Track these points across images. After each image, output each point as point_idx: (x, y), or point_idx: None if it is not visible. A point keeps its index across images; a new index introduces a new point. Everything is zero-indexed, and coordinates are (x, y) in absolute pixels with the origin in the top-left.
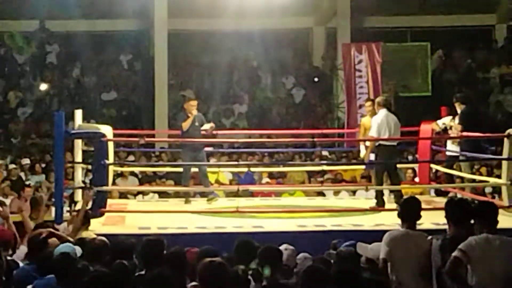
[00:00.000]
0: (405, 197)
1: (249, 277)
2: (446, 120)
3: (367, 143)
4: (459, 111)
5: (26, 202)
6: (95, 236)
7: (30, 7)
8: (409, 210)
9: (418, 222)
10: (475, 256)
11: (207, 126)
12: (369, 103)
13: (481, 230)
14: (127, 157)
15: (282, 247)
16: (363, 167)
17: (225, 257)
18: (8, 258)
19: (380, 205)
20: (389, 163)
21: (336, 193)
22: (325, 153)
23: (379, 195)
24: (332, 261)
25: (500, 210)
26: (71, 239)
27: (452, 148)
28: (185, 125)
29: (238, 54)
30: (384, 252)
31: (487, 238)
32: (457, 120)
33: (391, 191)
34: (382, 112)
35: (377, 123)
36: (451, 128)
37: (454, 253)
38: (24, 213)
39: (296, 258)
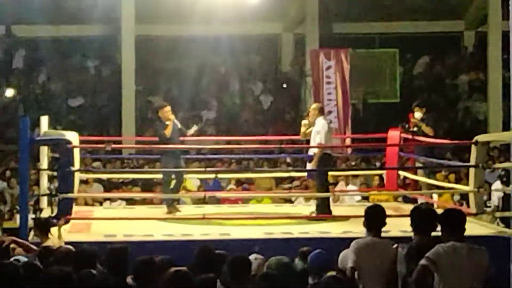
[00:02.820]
0: (369, 205)
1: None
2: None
3: (315, 151)
4: (418, 115)
5: None
6: (62, 244)
7: None
8: (374, 218)
9: (385, 229)
10: (442, 264)
11: (192, 130)
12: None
13: (448, 238)
14: (93, 163)
15: (251, 257)
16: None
17: (188, 266)
18: None
19: (326, 213)
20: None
21: (307, 199)
22: (288, 159)
23: (325, 203)
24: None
25: (468, 218)
26: (35, 247)
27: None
28: (168, 132)
29: (206, 60)
30: (351, 261)
31: (454, 246)
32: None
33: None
34: (323, 119)
35: (324, 131)
36: (420, 129)
37: (422, 262)
38: None
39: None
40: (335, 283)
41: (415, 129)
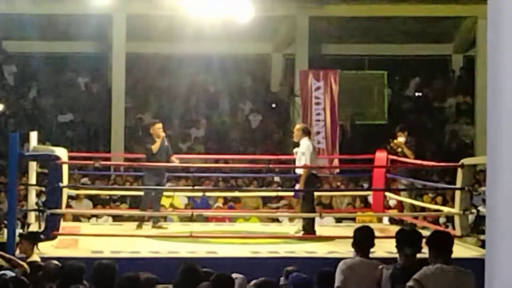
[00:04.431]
0: (358, 226)
1: None
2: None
3: (301, 171)
4: (402, 139)
5: None
6: (39, 259)
7: None
8: (363, 238)
9: (371, 250)
10: (429, 286)
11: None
12: None
13: (435, 260)
14: (81, 179)
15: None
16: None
17: (173, 283)
18: None
19: (311, 233)
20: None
21: (291, 219)
22: (278, 179)
23: (311, 223)
24: None
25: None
26: (21, 262)
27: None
28: (155, 147)
29: (196, 78)
30: (339, 280)
31: (441, 268)
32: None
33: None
34: (307, 140)
35: (309, 152)
36: (402, 151)
37: (409, 283)
38: None
39: (247, 286)
40: None
41: (399, 150)
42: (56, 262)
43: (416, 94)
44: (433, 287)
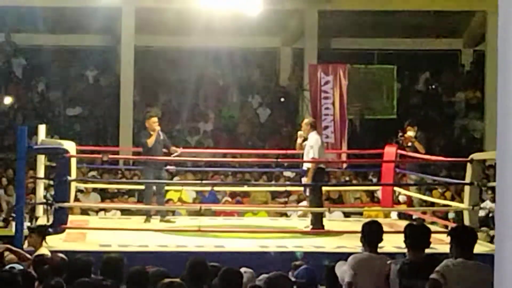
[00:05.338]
0: (366, 220)
1: None
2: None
3: (309, 165)
4: (411, 133)
5: None
6: (48, 253)
7: None
8: (371, 233)
9: (380, 245)
10: (452, 279)
11: (175, 153)
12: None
13: (457, 254)
14: (89, 172)
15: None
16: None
17: (180, 277)
18: None
19: (319, 227)
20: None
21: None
22: (286, 173)
23: (319, 218)
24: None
25: None
26: (28, 255)
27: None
28: (150, 141)
29: (204, 72)
30: (349, 276)
31: (463, 262)
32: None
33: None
34: (316, 134)
35: (318, 146)
36: (413, 145)
37: (432, 276)
38: None
39: (256, 280)
40: None
41: (409, 144)
42: (62, 255)
43: (426, 88)
44: (455, 280)
